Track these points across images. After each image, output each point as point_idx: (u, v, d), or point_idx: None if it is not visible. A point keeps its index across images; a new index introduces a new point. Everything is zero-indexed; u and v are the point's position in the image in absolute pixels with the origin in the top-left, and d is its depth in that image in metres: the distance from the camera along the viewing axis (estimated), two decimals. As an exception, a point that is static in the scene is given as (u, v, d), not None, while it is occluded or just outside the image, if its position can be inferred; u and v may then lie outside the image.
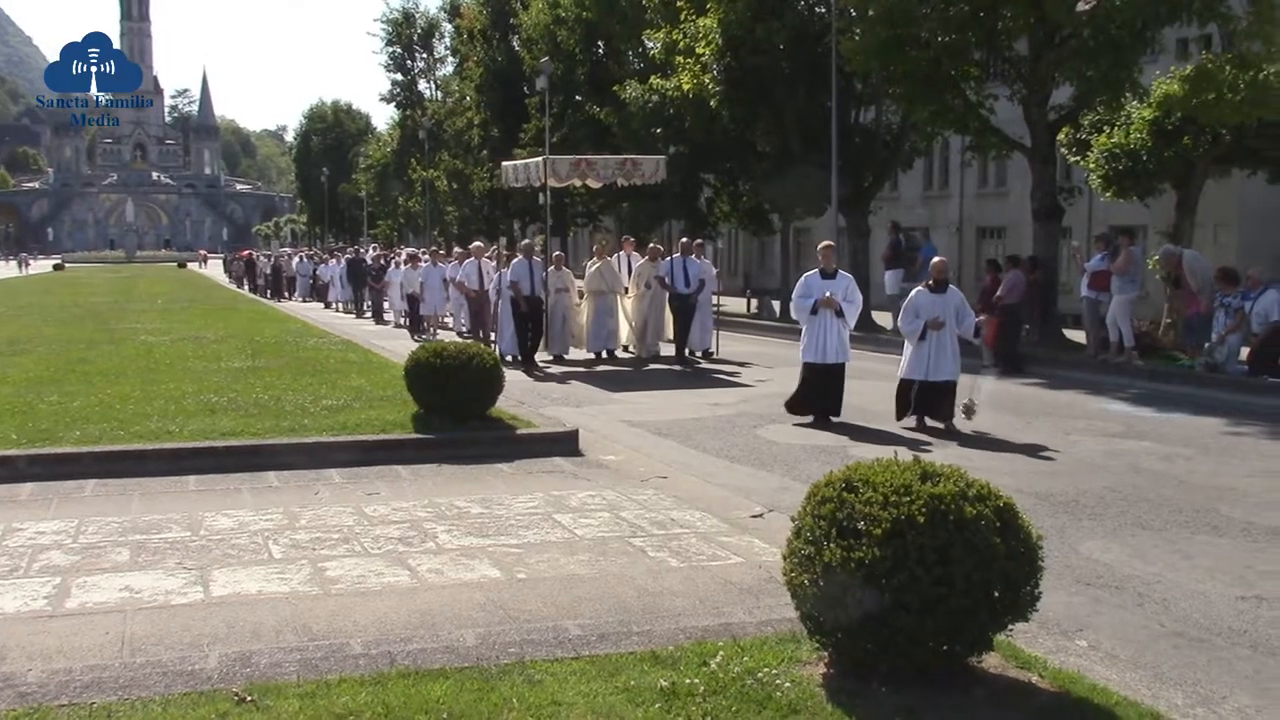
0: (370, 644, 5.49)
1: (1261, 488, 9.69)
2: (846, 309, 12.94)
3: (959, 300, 12.69)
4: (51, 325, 25.78)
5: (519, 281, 19.24)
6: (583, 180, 20.96)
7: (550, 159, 20.20)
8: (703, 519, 8.16)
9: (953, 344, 12.59)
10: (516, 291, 19.19)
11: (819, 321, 12.98)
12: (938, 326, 12.44)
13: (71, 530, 7.70)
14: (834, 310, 12.86)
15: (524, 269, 19.40)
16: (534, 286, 19.34)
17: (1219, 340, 16.91)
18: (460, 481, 9.48)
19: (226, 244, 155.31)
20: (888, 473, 4.91)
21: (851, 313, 13.11)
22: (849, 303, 12.96)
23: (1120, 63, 19.86)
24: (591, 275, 20.71)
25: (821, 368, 12.97)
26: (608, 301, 20.76)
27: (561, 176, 20.06)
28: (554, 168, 19.73)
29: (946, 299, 12.59)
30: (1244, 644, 5.87)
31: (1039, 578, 4.80)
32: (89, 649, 5.44)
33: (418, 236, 72.69)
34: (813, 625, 4.95)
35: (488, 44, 51.66)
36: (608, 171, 20.64)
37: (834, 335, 12.93)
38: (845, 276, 13.34)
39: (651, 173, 20.41)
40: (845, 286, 13.07)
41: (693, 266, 20.55)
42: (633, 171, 20.44)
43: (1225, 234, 27.41)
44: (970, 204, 37.97)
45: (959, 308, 12.60)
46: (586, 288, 20.70)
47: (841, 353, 13.02)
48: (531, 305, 19.34)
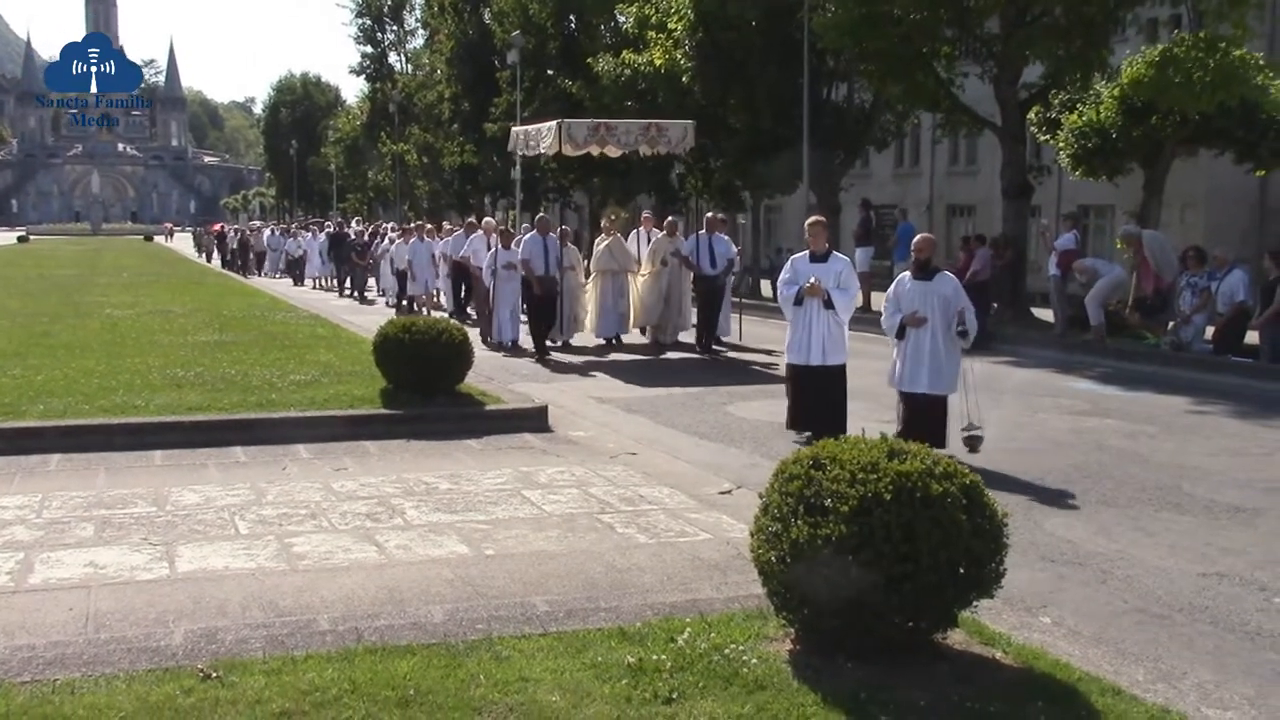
0: (337, 620, 5.48)
1: (1224, 466, 9.80)
2: (837, 298, 10.41)
3: (951, 289, 9.82)
4: (15, 298, 25.48)
5: (531, 260, 17.44)
6: (602, 147, 18.58)
7: (566, 123, 18.18)
8: (671, 495, 8.18)
9: (936, 346, 9.80)
10: (529, 271, 17.37)
11: (803, 314, 10.54)
12: (917, 323, 9.77)
13: (35, 505, 7.63)
14: (821, 299, 10.40)
15: (537, 246, 17.52)
16: (549, 265, 17.47)
17: (1184, 319, 17.07)
18: (429, 457, 9.46)
19: (194, 217, 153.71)
20: (855, 450, 4.93)
21: (844, 303, 10.49)
22: (841, 291, 10.45)
23: (1092, 42, 19.94)
24: (600, 253, 18.91)
25: (806, 370, 10.59)
26: (619, 282, 18.88)
27: (578, 143, 17.99)
28: (570, 133, 17.75)
29: (931, 287, 9.79)
30: (1204, 620, 5.95)
31: (1004, 555, 4.84)
32: (52, 625, 5.40)
33: (387, 211, 72.23)
34: (779, 602, 4.97)
35: (459, 17, 51.28)
36: (629, 138, 18.41)
37: (820, 330, 10.47)
38: (839, 259, 10.77)
39: (679, 139, 18.39)
40: (839, 271, 10.54)
41: (719, 244, 18.27)
42: (657, 138, 18.31)
43: (1192, 214, 27.62)
44: (941, 182, 38.11)
45: (949, 299, 9.75)
46: (595, 267, 18.96)
47: (831, 352, 10.52)
48: (546, 287, 17.42)
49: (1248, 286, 16.79)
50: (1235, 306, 16.56)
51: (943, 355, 9.80)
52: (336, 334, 18.11)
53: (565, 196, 46.29)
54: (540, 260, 17.44)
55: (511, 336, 18.30)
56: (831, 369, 10.57)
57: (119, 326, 18.66)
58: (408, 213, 60.25)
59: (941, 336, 9.82)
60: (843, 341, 10.65)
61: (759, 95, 27.47)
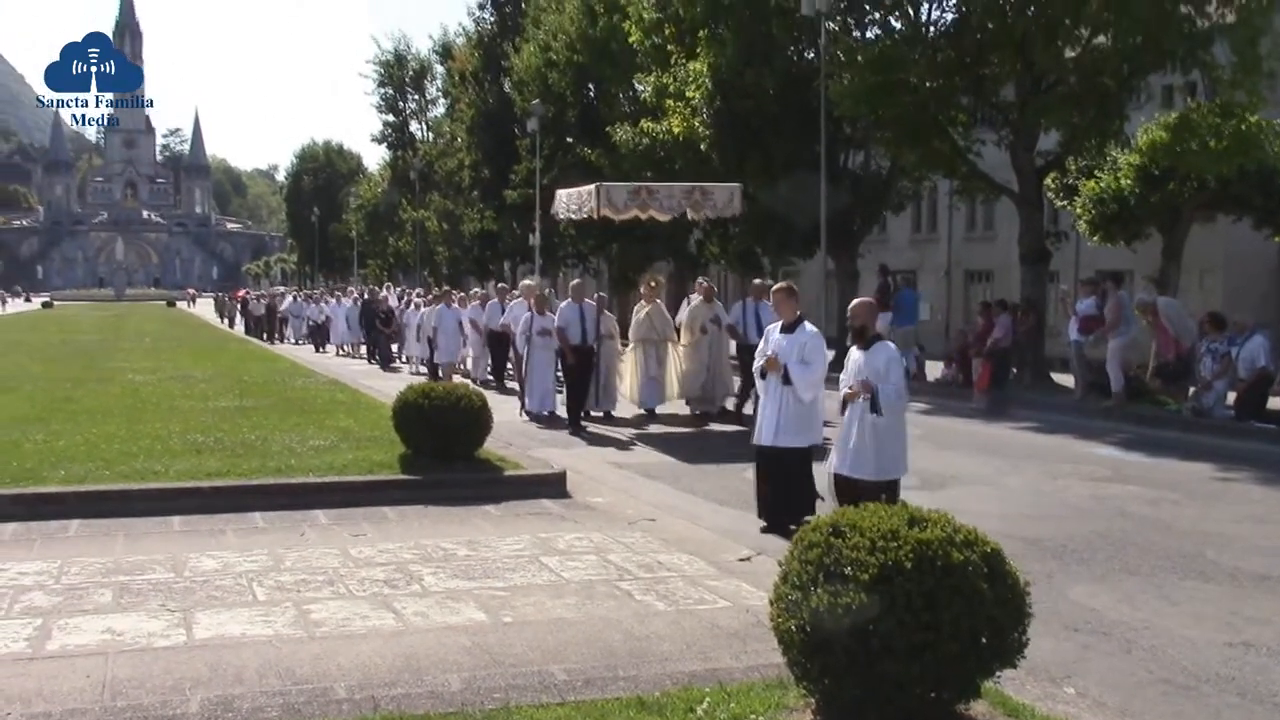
0: (354, 688, 5.45)
1: (1248, 533, 9.70)
2: (796, 373, 9.27)
3: (882, 362, 8.48)
4: (38, 363, 25.68)
5: (566, 328, 16.70)
6: (644, 212, 17.87)
7: (605, 186, 17.61)
8: (690, 562, 8.13)
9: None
10: (563, 341, 16.65)
11: (766, 389, 9.62)
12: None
13: (54, 571, 7.64)
14: (778, 374, 9.38)
15: (574, 314, 16.80)
16: (585, 334, 16.73)
17: (1205, 385, 16.98)
18: (447, 523, 9.44)
19: (216, 283, 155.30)
20: (875, 518, 4.90)
21: (803, 378, 9.28)
22: (803, 365, 9.30)
23: (1106, 110, 20.09)
24: (639, 322, 17.86)
25: (758, 452, 9.67)
26: (660, 351, 17.82)
27: (618, 207, 17.37)
28: (609, 196, 17.17)
29: (866, 359, 8.57)
30: (1231, 691, 5.85)
31: (1026, 624, 4.78)
32: (69, 692, 5.38)
33: (407, 276, 72.86)
34: (800, 671, 4.92)
35: (479, 86, 52.00)
36: (672, 202, 17.67)
37: (772, 408, 9.47)
38: (806, 330, 9.54)
39: (725, 203, 17.55)
40: (803, 343, 9.38)
41: (765, 313, 16.30)
42: (702, 202, 17.56)
43: (1211, 279, 27.59)
44: (958, 247, 38.20)
45: (879, 372, 8.44)
46: (634, 335, 17.92)
47: (785, 432, 9.38)
48: (581, 357, 16.66)
49: (1269, 352, 16.71)
50: (1257, 372, 16.48)
51: (868, 434, 8.43)
52: (356, 399, 18.16)
53: (585, 262, 46.57)
54: (576, 328, 16.74)
55: (550, 406, 17.51)
56: (782, 451, 9.42)
57: (140, 392, 18.77)
58: (428, 278, 60.67)
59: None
60: (804, 421, 9.45)
61: (776, 162, 27.69)
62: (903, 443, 8.69)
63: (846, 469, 8.55)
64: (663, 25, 28.83)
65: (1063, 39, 20.60)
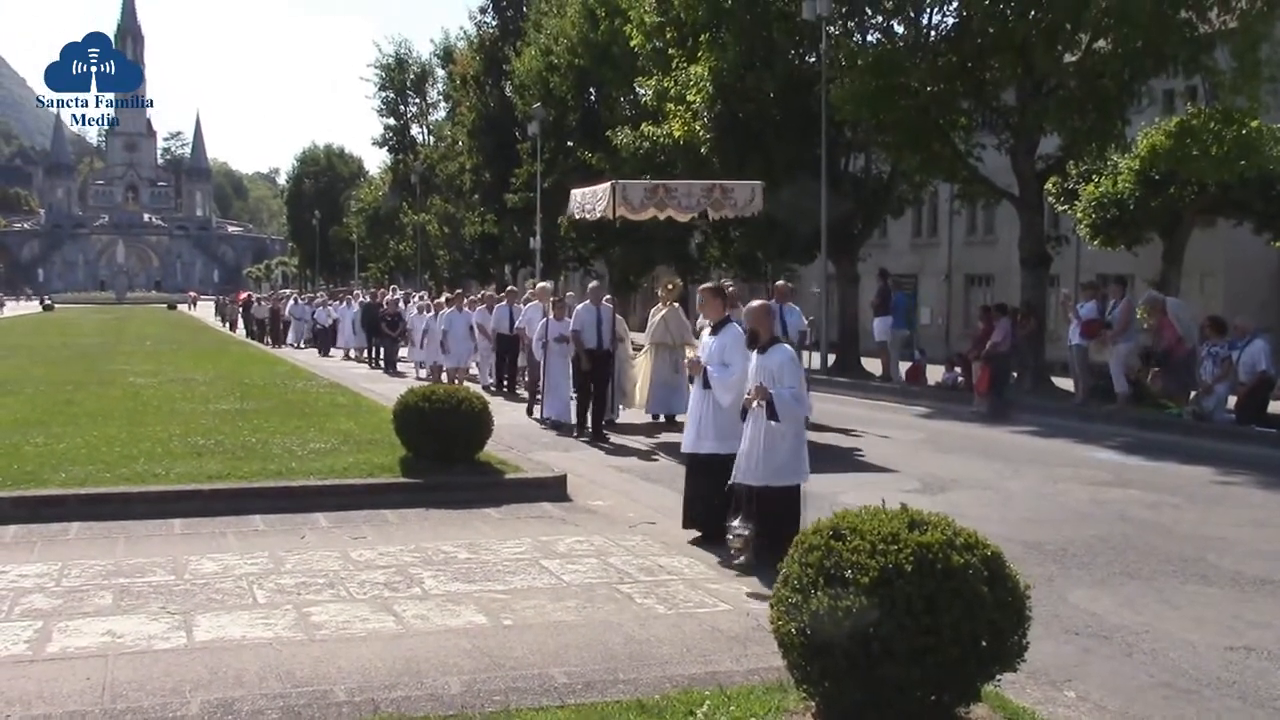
0: (354, 691, 5.45)
1: (1249, 537, 9.69)
2: (714, 376, 8.82)
3: (776, 365, 8.15)
4: (39, 366, 25.67)
5: (583, 332, 16.08)
6: (661, 211, 17.23)
7: (621, 184, 16.85)
8: (691, 565, 8.12)
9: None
10: (577, 344, 16.06)
11: (693, 393, 9.32)
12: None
13: (54, 573, 7.63)
14: (699, 377, 8.99)
15: (590, 317, 16.13)
16: (601, 339, 16.08)
17: (1206, 389, 16.98)
18: (447, 526, 9.44)
19: (217, 286, 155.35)
20: (875, 521, 4.90)
21: (721, 381, 8.78)
22: (721, 367, 8.82)
23: (1107, 114, 20.10)
24: (655, 326, 17.39)
25: (686, 458, 9.35)
26: (675, 356, 17.07)
27: (634, 206, 16.59)
28: (625, 195, 16.43)
29: (762, 361, 8.25)
30: (1233, 695, 5.85)
31: (1027, 627, 4.78)
32: (70, 694, 5.38)
33: (408, 280, 72.93)
34: (800, 674, 4.91)
35: (480, 89, 52.10)
36: (691, 200, 16.93)
37: (697, 412, 9.10)
38: (730, 331, 9.02)
39: (746, 201, 16.82)
40: (723, 345, 8.91)
41: (790, 315, 16.52)
42: (722, 201, 16.81)
43: (1211, 283, 27.62)
44: (959, 251, 38.23)
45: (774, 375, 8.10)
46: (650, 339, 17.42)
47: (704, 437, 8.98)
48: (596, 362, 15.99)
49: (1269, 356, 16.72)
50: (1257, 376, 16.49)
51: (761, 440, 8.13)
52: (357, 402, 18.16)
53: (585, 265, 46.61)
54: (593, 332, 16.08)
55: (564, 413, 16.95)
56: (700, 458, 9.02)
57: (141, 394, 18.77)
58: (428, 282, 60.72)
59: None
60: (723, 428, 8.82)
61: (777, 166, 27.70)
62: (795, 448, 8.28)
63: (740, 476, 8.23)
64: (664, 29, 28.83)
65: (1063, 43, 20.63)
